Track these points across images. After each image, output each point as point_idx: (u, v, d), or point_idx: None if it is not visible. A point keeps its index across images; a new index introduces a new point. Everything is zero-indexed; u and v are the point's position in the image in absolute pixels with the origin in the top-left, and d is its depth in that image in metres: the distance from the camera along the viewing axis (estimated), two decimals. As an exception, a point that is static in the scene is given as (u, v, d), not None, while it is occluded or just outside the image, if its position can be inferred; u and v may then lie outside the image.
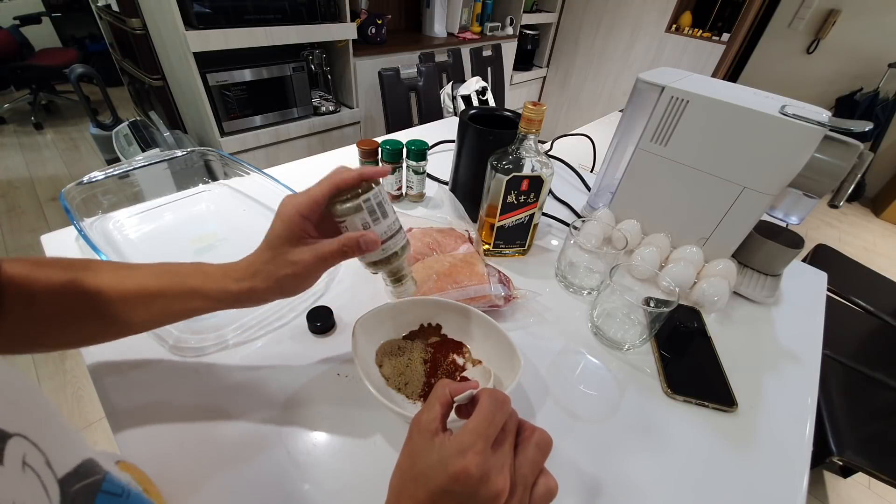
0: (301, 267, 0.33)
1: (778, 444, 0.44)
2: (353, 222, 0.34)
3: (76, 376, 1.29)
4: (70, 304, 0.32)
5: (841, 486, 1.22)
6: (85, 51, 3.09)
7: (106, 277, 0.33)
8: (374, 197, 0.34)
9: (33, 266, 0.32)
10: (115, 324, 0.34)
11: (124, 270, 0.35)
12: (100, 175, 0.59)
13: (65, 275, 0.32)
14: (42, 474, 0.18)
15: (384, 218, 0.35)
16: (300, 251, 0.33)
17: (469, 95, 1.51)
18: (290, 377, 0.44)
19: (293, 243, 0.33)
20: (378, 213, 0.34)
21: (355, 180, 0.33)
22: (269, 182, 0.64)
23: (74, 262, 0.34)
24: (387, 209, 0.35)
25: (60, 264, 0.33)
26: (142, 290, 0.33)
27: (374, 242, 0.34)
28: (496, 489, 0.23)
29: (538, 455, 0.26)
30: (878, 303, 1.15)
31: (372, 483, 0.36)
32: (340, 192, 0.33)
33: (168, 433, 0.38)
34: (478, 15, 2.40)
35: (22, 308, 0.31)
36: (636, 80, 0.61)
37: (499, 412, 0.26)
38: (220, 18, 1.39)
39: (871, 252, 2.42)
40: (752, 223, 0.59)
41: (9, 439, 0.17)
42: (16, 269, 0.31)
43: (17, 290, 0.30)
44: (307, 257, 0.33)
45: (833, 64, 2.67)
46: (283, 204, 0.33)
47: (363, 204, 0.33)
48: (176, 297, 0.34)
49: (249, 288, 0.33)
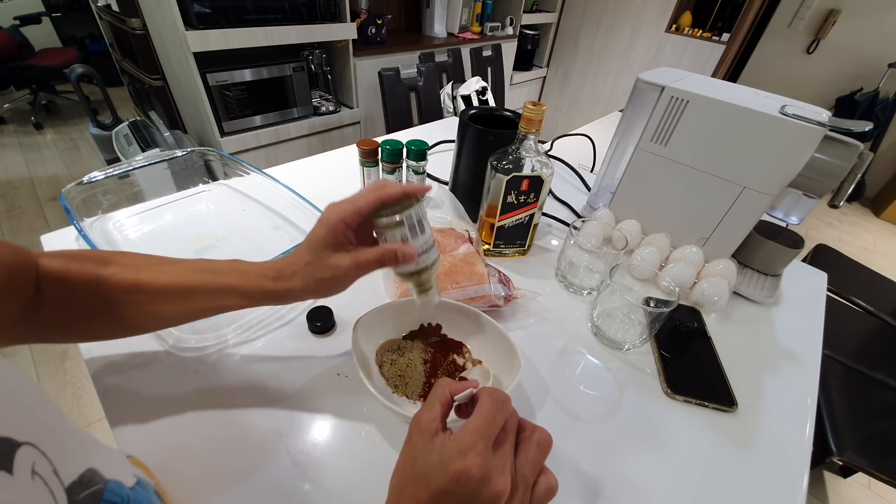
0: (340, 271, 0.34)
1: (778, 444, 0.44)
2: (392, 235, 0.35)
3: (76, 376, 1.29)
4: (107, 297, 0.33)
5: (841, 486, 1.22)
6: (85, 51, 3.09)
7: (142, 272, 0.34)
8: (416, 213, 0.35)
9: (70, 259, 0.33)
10: (152, 317, 0.36)
11: (163, 265, 0.35)
12: (100, 175, 0.59)
13: (102, 269, 0.33)
14: (50, 483, 0.18)
15: (421, 234, 0.36)
16: (340, 256, 0.34)
17: (469, 95, 1.51)
18: (291, 377, 0.44)
19: (334, 248, 0.34)
20: (417, 228, 0.35)
21: (399, 196, 0.34)
22: (269, 182, 0.64)
23: (111, 256, 0.35)
24: (425, 225, 0.36)
25: (98, 258, 0.34)
26: (180, 286, 0.34)
27: (411, 256, 0.35)
28: (497, 490, 0.23)
29: (539, 454, 0.26)
30: (878, 303, 1.15)
31: (372, 483, 0.36)
32: (384, 204, 0.34)
33: (168, 433, 0.38)
34: (478, 15, 2.40)
35: (60, 300, 0.32)
36: (636, 80, 0.61)
37: (499, 412, 0.26)
38: (220, 18, 1.39)
39: (871, 252, 2.42)
40: (752, 223, 0.59)
41: (18, 448, 0.17)
42: (53, 263, 0.32)
43: (55, 283, 0.31)
44: (346, 263, 0.34)
45: (833, 64, 2.66)
46: (329, 210, 0.34)
47: (405, 220, 0.35)
48: (213, 294, 0.35)
49: (287, 288, 0.34)
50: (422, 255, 0.36)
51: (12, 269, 0.28)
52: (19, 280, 0.29)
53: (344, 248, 0.34)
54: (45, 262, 0.31)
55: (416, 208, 0.35)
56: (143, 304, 0.34)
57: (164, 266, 0.35)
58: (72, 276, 0.32)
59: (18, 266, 0.29)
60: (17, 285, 0.29)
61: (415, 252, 0.35)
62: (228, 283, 0.35)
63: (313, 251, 0.34)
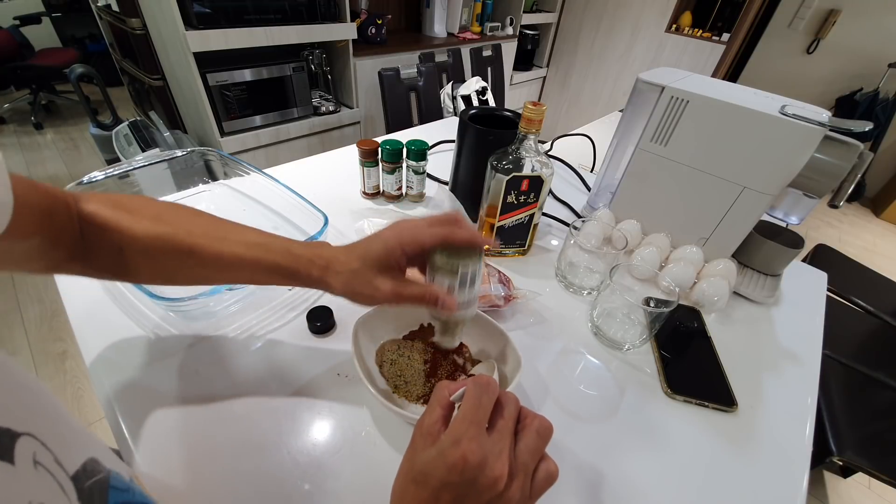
0: (378, 293, 0.34)
1: (778, 444, 0.44)
2: (442, 279, 0.35)
3: (76, 376, 1.29)
4: (161, 256, 0.34)
5: (841, 486, 1.22)
6: (85, 51, 3.09)
7: (199, 238, 0.34)
8: (472, 268, 0.35)
9: (122, 211, 0.33)
10: (199, 279, 0.37)
11: (219, 232, 0.36)
12: (100, 175, 0.59)
13: (158, 228, 0.34)
14: (55, 472, 0.18)
15: (470, 288, 0.35)
16: (384, 280, 0.34)
17: (469, 95, 1.51)
18: (290, 377, 0.44)
19: (382, 269, 0.34)
20: (467, 283, 0.35)
21: (465, 243, 0.34)
22: (269, 182, 0.64)
23: (164, 212, 0.35)
24: (476, 281, 0.36)
25: (151, 214, 0.34)
26: (233, 258, 0.35)
27: (451, 308, 0.34)
28: (495, 475, 0.23)
29: (539, 442, 0.26)
30: (878, 303, 1.15)
31: (372, 483, 0.36)
32: (446, 245, 0.34)
33: (168, 433, 0.38)
34: (478, 15, 2.40)
35: (113, 253, 0.33)
36: (636, 80, 0.61)
37: (484, 395, 0.26)
38: (220, 18, 1.39)
39: (871, 252, 2.42)
40: (752, 223, 0.59)
41: (18, 438, 0.17)
42: (103, 213, 0.32)
43: (110, 235, 0.32)
44: (387, 289, 0.34)
45: (833, 64, 2.66)
46: (393, 230, 0.35)
47: (460, 270, 0.34)
48: (263, 270, 0.35)
49: (329, 282, 0.35)
50: (462, 310, 0.36)
51: (49, 212, 0.29)
52: (58, 223, 0.30)
53: (391, 273, 0.34)
54: (90, 208, 0.32)
55: (475, 261, 0.35)
56: (193, 268, 0.35)
57: (221, 233, 0.36)
58: (126, 232, 0.32)
59: (52, 209, 0.30)
60: (59, 230, 0.30)
61: (455, 305, 0.34)
62: (279, 262, 0.35)
63: (363, 262, 0.34)
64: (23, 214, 0.25)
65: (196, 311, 0.48)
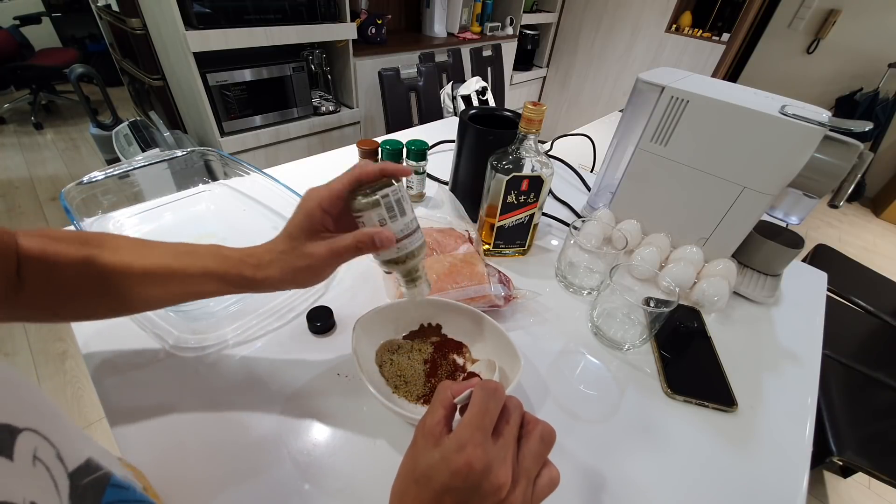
0: (315, 260, 0.33)
1: (778, 444, 0.44)
2: (370, 218, 0.33)
3: (76, 376, 1.29)
4: (88, 279, 0.33)
5: (841, 486, 1.22)
6: (85, 51, 3.09)
7: (124, 254, 0.33)
8: (393, 193, 0.33)
9: (50, 240, 0.32)
10: (131, 300, 0.35)
11: (143, 248, 0.35)
12: (100, 175, 0.59)
13: (82, 250, 0.32)
14: (52, 468, 0.18)
15: (402, 216, 0.34)
16: (316, 245, 0.33)
17: (469, 95, 1.51)
18: (291, 377, 0.44)
19: (310, 236, 0.33)
20: (396, 210, 0.34)
21: (376, 174, 0.33)
22: (269, 182, 0.64)
23: (91, 238, 0.34)
24: (405, 207, 0.34)
25: (78, 239, 0.33)
26: (159, 269, 0.33)
27: (388, 240, 0.33)
28: (499, 482, 0.23)
29: (542, 448, 0.26)
30: (878, 303, 1.15)
31: (372, 483, 0.36)
32: (361, 185, 0.33)
33: (168, 433, 0.38)
34: (478, 15, 2.40)
35: (40, 281, 0.31)
36: (636, 80, 0.61)
37: (491, 400, 0.25)
38: (220, 18, 1.39)
39: (871, 252, 2.42)
40: (752, 223, 0.59)
41: (19, 434, 0.17)
42: (33, 243, 0.31)
43: (35, 263, 0.31)
44: (322, 251, 0.33)
45: (833, 64, 2.66)
46: (306, 196, 0.34)
47: (381, 199, 0.33)
48: (193, 279, 0.34)
49: (264, 276, 0.34)
50: (403, 240, 0.34)
51: None
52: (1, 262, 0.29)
53: (320, 236, 0.33)
54: (25, 243, 0.31)
55: (396, 189, 0.33)
56: (125, 287, 0.33)
57: (146, 249, 0.35)
58: (51, 258, 0.31)
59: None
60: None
61: (393, 236, 0.33)
62: (208, 267, 0.34)
63: (290, 239, 0.33)
64: None
65: (196, 311, 0.48)
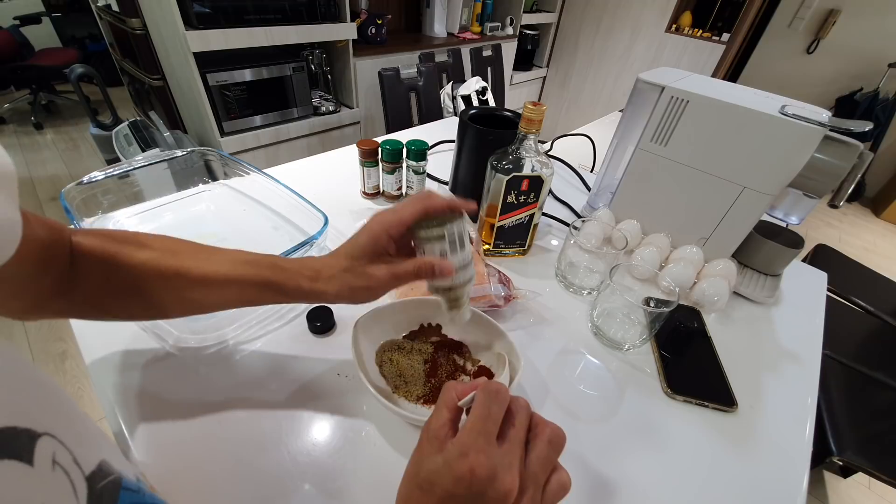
0: (375, 281, 0.34)
1: (778, 444, 0.44)
2: (432, 248, 0.35)
3: (76, 376, 1.29)
4: (146, 281, 0.33)
5: (841, 486, 1.22)
6: (85, 51, 3.08)
7: (185, 260, 0.34)
8: (458, 228, 0.35)
9: (109, 240, 0.33)
10: (188, 304, 0.36)
11: (201, 253, 0.35)
12: (100, 175, 0.59)
13: (141, 252, 0.33)
14: (71, 472, 0.18)
15: (461, 250, 0.35)
16: (377, 267, 0.34)
17: (469, 95, 1.51)
18: (291, 377, 0.44)
19: (372, 259, 0.34)
20: (457, 244, 0.35)
21: (444, 209, 0.34)
22: (269, 182, 0.64)
23: (150, 240, 0.35)
24: (465, 242, 0.36)
25: (136, 240, 0.34)
26: (220, 276, 0.34)
27: (448, 271, 0.34)
28: (504, 489, 0.22)
29: (551, 453, 0.25)
30: (878, 303, 1.15)
31: (372, 483, 0.36)
32: (427, 216, 0.34)
33: (168, 433, 0.38)
34: (478, 15, 2.40)
35: (97, 279, 0.32)
36: (636, 80, 0.61)
37: (494, 403, 0.25)
38: (220, 18, 1.39)
39: (871, 252, 2.42)
40: (752, 223, 0.59)
41: (38, 439, 0.17)
42: (89, 242, 0.32)
43: (92, 262, 0.32)
44: (383, 274, 0.34)
45: (833, 64, 2.66)
46: (374, 220, 0.35)
47: (446, 233, 0.34)
48: (251, 287, 0.35)
49: (322, 290, 0.35)
50: (459, 272, 0.36)
51: (45, 243, 0.29)
52: (53, 254, 0.30)
53: (382, 259, 0.35)
54: (81, 240, 0.32)
55: (459, 223, 0.35)
56: (181, 291, 0.34)
57: (205, 254, 0.35)
58: (110, 257, 0.32)
59: (52, 241, 0.29)
60: (50, 259, 0.29)
61: (452, 267, 0.34)
62: (266, 277, 0.34)
63: (352, 258, 0.34)
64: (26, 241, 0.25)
65: (196, 311, 0.48)
